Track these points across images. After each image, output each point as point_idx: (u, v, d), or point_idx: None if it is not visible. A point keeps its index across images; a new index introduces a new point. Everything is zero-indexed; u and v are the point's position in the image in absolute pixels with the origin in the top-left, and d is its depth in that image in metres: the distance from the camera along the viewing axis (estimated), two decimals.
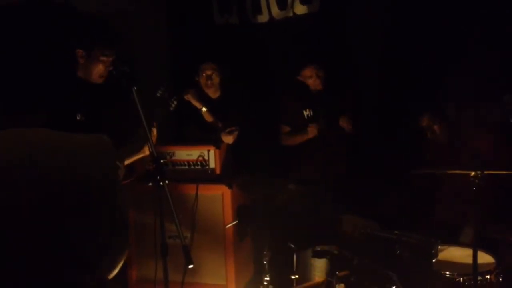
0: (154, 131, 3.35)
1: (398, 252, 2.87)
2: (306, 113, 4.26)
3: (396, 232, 2.91)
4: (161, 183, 2.50)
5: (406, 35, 4.22)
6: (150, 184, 2.54)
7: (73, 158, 0.84)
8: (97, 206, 0.83)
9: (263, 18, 5.03)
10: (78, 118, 3.10)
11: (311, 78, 4.15)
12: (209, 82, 4.26)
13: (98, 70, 3.12)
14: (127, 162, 3.30)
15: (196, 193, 3.86)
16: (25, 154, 0.84)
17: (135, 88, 2.69)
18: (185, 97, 4.13)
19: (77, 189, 0.82)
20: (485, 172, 2.58)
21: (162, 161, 2.87)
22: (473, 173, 2.59)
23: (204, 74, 4.27)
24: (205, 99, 4.27)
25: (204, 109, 4.20)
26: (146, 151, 3.24)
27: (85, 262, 0.82)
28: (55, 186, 0.81)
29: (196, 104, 4.17)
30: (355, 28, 4.49)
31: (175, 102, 3.71)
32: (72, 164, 0.82)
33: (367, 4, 4.42)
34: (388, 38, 4.31)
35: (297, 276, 3.10)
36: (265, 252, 3.08)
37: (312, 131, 4.11)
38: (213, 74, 4.26)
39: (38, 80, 3.57)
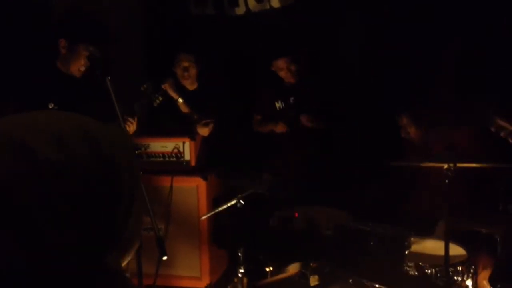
0: (134, 123, 3.31)
1: (371, 243, 2.89)
2: (278, 104, 4.29)
3: (369, 224, 2.93)
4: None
5: (385, 30, 4.24)
6: None
7: (101, 139, 0.83)
8: (121, 188, 0.83)
9: (240, 10, 5.01)
10: (50, 107, 3.06)
11: (282, 70, 4.16)
12: (185, 74, 4.23)
13: (79, 64, 3.08)
14: None
15: (171, 185, 3.85)
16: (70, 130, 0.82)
17: (109, 77, 2.66)
18: (163, 86, 4.08)
19: (104, 169, 0.81)
20: (458, 164, 2.61)
21: (136, 152, 2.86)
22: (446, 166, 2.61)
23: (181, 65, 4.23)
24: (182, 91, 4.24)
25: (180, 100, 4.15)
26: None
27: (106, 243, 0.81)
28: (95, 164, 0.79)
29: (173, 94, 4.13)
30: (332, 21, 4.50)
31: (160, 98, 3.66)
32: (101, 145, 0.81)
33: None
34: (367, 32, 4.32)
35: (271, 268, 3.10)
36: (241, 249, 3.07)
37: (279, 128, 4.13)
38: (190, 66, 4.22)
39: (11, 67, 3.51)
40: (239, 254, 2.97)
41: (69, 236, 0.74)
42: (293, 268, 2.96)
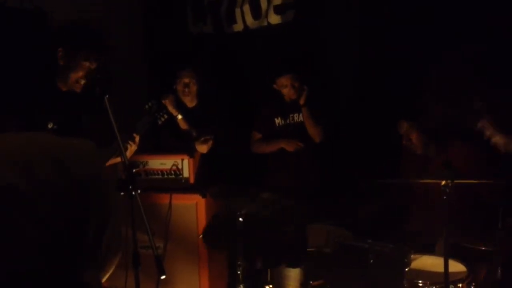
0: (137, 139, 3.30)
1: (371, 261, 2.88)
2: (277, 121, 4.28)
3: (369, 241, 2.92)
4: (133, 193, 2.47)
5: (381, 45, 4.26)
6: (122, 193, 2.51)
7: (67, 159, 0.83)
8: (90, 206, 0.82)
9: (238, 27, 5.04)
10: (49, 126, 3.04)
11: (286, 88, 4.16)
12: (186, 90, 4.24)
13: (78, 75, 2.99)
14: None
15: (170, 203, 3.83)
16: (30, 155, 0.82)
17: (107, 96, 2.66)
18: (163, 101, 4.09)
19: (72, 189, 0.80)
20: (456, 181, 2.61)
21: (134, 170, 2.85)
22: (443, 182, 2.61)
23: (181, 82, 4.25)
24: (181, 107, 4.25)
25: (179, 116, 4.17)
26: (118, 158, 3.20)
27: (81, 260, 0.81)
28: (57, 185, 0.79)
29: (172, 111, 4.13)
30: (328, 38, 4.52)
31: (165, 116, 3.66)
32: (67, 165, 0.81)
33: (340, 14, 4.45)
34: (363, 48, 4.34)
35: (271, 286, 3.09)
36: (239, 262, 3.06)
37: (292, 145, 4.13)
38: (191, 82, 4.24)
39: (10, 86, 3.50)
40: (238, 272, 2.96)
41: (40, 259, 0.74)
42: (293, 287, 2.94)
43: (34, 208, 0.75)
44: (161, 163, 3.98)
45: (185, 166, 3.93)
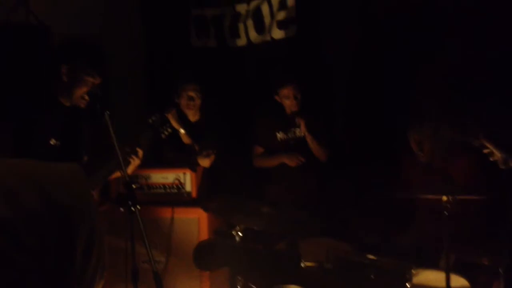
0: (140, 153, 3.29)
1: (372, 276, 2.86)
2: (279, 135, 4.28)
3: (369, 256, 2.90)
4: (133, 208, 2.48)
5: (382, 60, 4.27)
6: (122, 209, 2.52)
7: (50, 186, 0.83)
8: (76, 232, 0.82)
9: (241, 42, 5.07)
10: (52, 143, 3.04)
11: (288, 99, 4.16)
12: (191, 103, 4.23)
13: (82, 91, 2.97)
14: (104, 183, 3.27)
15: (172, 217, 3.84)
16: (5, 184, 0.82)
17: (108, 112, 2.68)
18: (167, 114, 4.09)
19: (57, 216, 0.81)
20: (457, 197, 2.59)
21: (134, 185, 2.86)
22: (445, 198, 2.60)
23: (186, 95, 4.24)
24: (184, 121, 4.25)
25: (182, 130, 4.16)
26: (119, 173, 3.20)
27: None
28: (35, 213, 0.79)
29: (175, 125, 4.13)
30: (330, 52, 4.54)
31: (169, 130, 3.66)
32: (50, 192, 0.81)
33: (341, 29, 4.46)
34: (363, 60, 4.35)
35: None
36: (239, 278, 3.05)
37: (294, 160, 4.12)
38: (196, 96, 4.24)
39: (13, 102, 3.51)
40: (238, 287, 2.95)
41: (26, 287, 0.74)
42: None
43: (17, 237, 0.75)
44: (163, 177, 3.98)
45: (187, 180, 3.94)
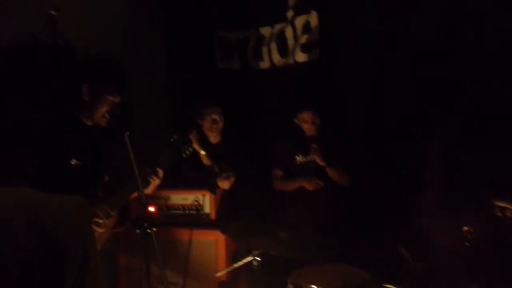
0: (160, 173, 3.30)
1: None
2: (298, 158, 4.26)
3: (387, 285, 2.84)
4: (148, 230, 2.49)
5: (407, 83, 4.24)
6: (138, 231, 2.53)
7: (44, 217, 0.83)
8: (66, 264, 0.82)
9: (265, 64, 5.09)
10: (73, 163, 3.06)
11: (307, 123, 4.16)
12: (214, 126, 4.26)
13: (103, 110, 3.00)
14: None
15: (190, 239, 3.82)
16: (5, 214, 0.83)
17: (127, 133, 2.70)
18: (189, 135, 4.11)
19: (47, 247, 0.81)
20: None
21: (152, 208, 2.87)
22: (465, 228, 2.54)
23: (210, 118, 4.26)
24: (205, 143, 4.27)
25: (203, 152, 4.18)
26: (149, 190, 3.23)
27: None
28: (29, 243, 0.80)
29: (196, 146, 4.14)
30: (352, 76, 4.52)
31: (190, 149, 3.67)
32: (44, 224, 0.81)
33: (363, 54, 4.45)
34: (386, 85, 4.32)
35: None
36: None
37: (313, 184, 4.10)
38: (219, 119, 4.26)
39: (34, 122, 3.56)
40: None
41: None
42: None
43: (5, 269, 0.75)
44: (183, 198, 3.99)
45: (207, 202, 3.93)
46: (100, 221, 2.95)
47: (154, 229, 2.52)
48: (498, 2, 3.72)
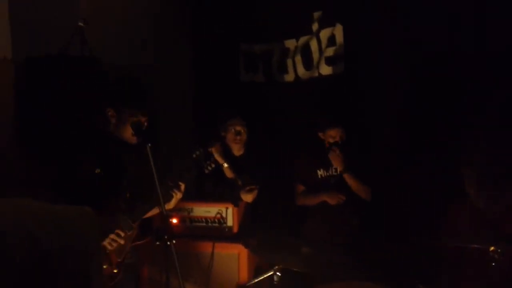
0: (182, 187, 3.31)
1: None
2: (320, 173, 4.22)
3: None
4: (168, 243, 2.49)
5: (430, 97, 4.18)
6: (158, 243, 2.53)
7: (39, 229, 0.82)
8: (60, 276, 0.81)
9: (289, 77, 5.08)
10: (96, 172, 3.10)
11: (333, 139, 4.12)
12: (238, 138, 4.26)
13: (129, 132, 3.06)
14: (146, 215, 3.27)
15: (212, 252, 3.81)
16: (10, 225, 0.82)
17: (149, 145, 2.71)
18: (210, 149, 4.11)
19: (40, 260, 0.79)
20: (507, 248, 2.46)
21: (174, 220, 2.86)
22: (492, 248, 2.47)
23: (233, 130, 4.26)
24: (228, 155, 4.26)
25: (225, 165, 4.17)
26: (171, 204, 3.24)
27: None
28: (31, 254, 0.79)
29: (219, 159, 4.14)
30: (377, 89, 4.48)
31: (212, 165, 3.68)
32: (38, 237, 0.80)
33: (390, 67, 4.40)
34: (411, 101, 4.27)
35: None
36: None
37: (336, 199, 4.06)
38: (243, 131, 4.26)
39: (61, 131, 3.61)
40: None
41: None
42: None
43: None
44: (206, 210, 3.98)
45: (229, 214, 3.92)
46: (122, 233, 2.96)
47: (174, 241, 2.51)
48: None
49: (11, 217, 0.83)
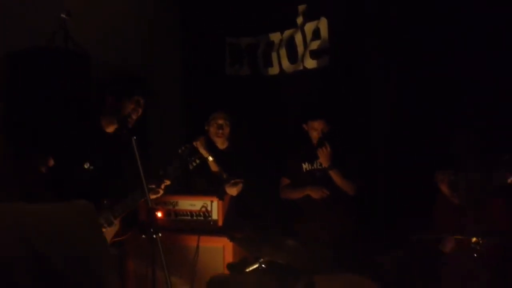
0: (165, 184, 3.32)
1: None
2: (304, 166, 4.24)
3: None
4: (154, 236, 2.49)
5: (418, 93, 4.21)
6: (144, 236, 2.54)
7: (32, 232, 0.82)
8: (57, 280, 0.81)
9: (274, 70, 5.09)
10: (86, 166, 3.12)
11: (316, 131, 4.13)
12: (220, 131, 4.27)
13: (128, 109, 3.15)
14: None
15: (197, 245, 3.81)
16: (13, 229, 0.82)
17: (134, 138, 2.71)
18: (194, 143, 4.11)
19: (33, 263, 0.79)
20: (486, 239, 2.49)
21: (158, 213, 2.87)
22: (474, 239, 2.50)
23: (215, 123, 4.28)
24: (212, 149, 4.26)
25: (210, 158, 4.17)
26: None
27: None
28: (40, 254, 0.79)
29: (203, 152, 4.13)
30: (361, 83, 4.50)
31: (197, 161, 3.68)
32: (31, 239, 0.80)
33: (376, 62, 4.43)
34: (400, 92, 4.29)
35: None
36: None
37: (319, 193, 4.07)
38: (224, 124, 4.27)
39: (52, 126, 3.59)
40: None
41: None
42: None
43: None
44: (191, 204, 3.98)
45: (214, 208, 3.92)
46: (102, 228, 2.97)
47: (160, 234, 2.51)
48: None
49: (4, 223, 0.83)
